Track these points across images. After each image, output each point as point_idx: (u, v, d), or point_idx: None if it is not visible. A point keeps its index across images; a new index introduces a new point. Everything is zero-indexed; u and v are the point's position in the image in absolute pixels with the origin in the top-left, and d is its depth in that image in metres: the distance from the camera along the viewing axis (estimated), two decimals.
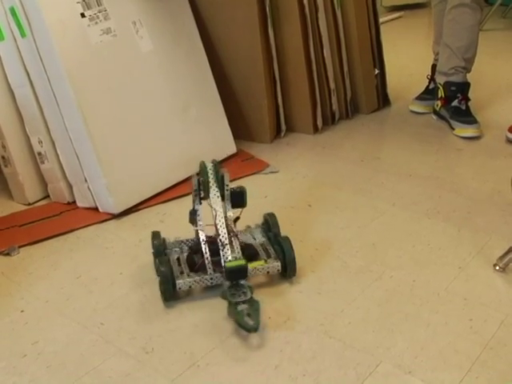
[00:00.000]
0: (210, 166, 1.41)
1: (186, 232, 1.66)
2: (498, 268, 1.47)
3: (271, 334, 1.28)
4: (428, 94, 2.48)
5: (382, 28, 2.50)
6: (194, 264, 1.41)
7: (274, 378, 1.17)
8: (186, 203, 1.84)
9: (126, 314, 1.37)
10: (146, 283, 1.46)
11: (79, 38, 1.73)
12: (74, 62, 1.71)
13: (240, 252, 1.37)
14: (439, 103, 2.35)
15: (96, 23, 1.77)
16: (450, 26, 2.26)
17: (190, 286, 1.37)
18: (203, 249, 1.38)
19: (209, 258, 1.37)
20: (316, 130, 2.33)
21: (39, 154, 1.86)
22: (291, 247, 1.43)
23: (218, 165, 1.41)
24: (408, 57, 3.24)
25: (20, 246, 1.65)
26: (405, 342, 1.25)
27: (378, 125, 2.41)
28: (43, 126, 1.80)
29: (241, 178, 1.97)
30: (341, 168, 2.04)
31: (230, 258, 1.34)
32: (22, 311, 1.40)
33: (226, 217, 1.39)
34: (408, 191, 1.86)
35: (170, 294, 1.37)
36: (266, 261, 1.41)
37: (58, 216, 1.81)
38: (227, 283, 1.35)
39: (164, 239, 1.51)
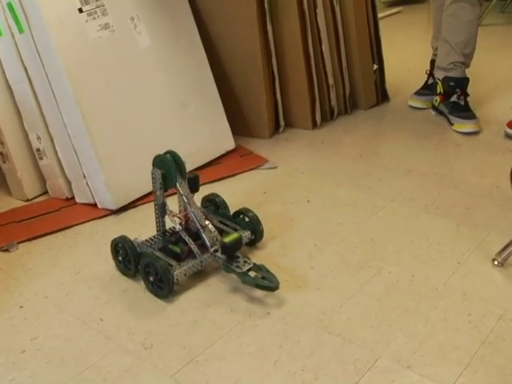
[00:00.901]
0: (169, 158, 1.43)
1: None
2: (496, 263, 1.47)
3: (270, 329, 1.29)
4: (427, 89, 2.48)
5: (381, 23, 2.49)
6: (176, 255, 1.44)
7: (273, 374, 1.17)
8: None
9: (125, 309, 1.37)
10: None
11: (77, 34, 1.73)
12: (72, 57, 1.71)
13: (216, 231, 1.45)
14: (438, 98, 2.35)
15: (94, 18, 1.77)
16: (448, 21, 2.26)
17: (185, 275, 1.39)
18: (184, 236, 1.43)
19: (193, 244, 1.42)
20: (315, 125, 2.32)
21: (38, 150, 1.85)
22: (257, 217, 1.54)
23: (176, 154, 1.44)
24: (407, 52, 3.23)
25: (19, 242, 1.65)
26: (404, 337, 1.25)
27: (377, 120, 2.41)
28: (41, 122, 1.80)
29: (239, 173, 1.97)
30: (339, 164, 2.04)
31: (213, 235, 1.44)
32: (21, 307, 1.40)
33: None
34: (407, 187, 1.86)
35: (170, 288, 1.37)
36: (237, 232, 1.48)
37: (57, 212, 1.81)
38: (222, 259, 1.40)
39: (132, 242, 1.48)
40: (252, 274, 1.37)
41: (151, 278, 1.39)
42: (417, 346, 1.22)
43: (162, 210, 1.47)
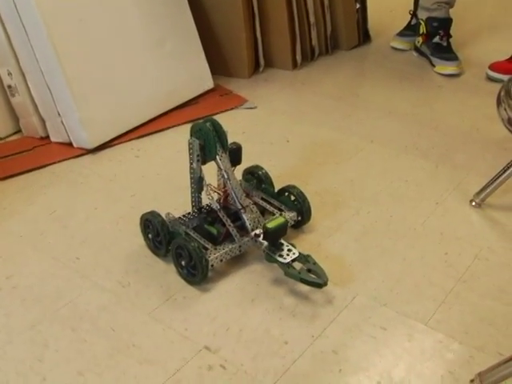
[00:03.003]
0: (209, 126, 1.25)
1: (160, 167, 1.65)
2: (474, 204, 1.48)
3: (248, 268, 1.29)
4: (410, 30, 2.44)
5: None
6: (212, 236, 1.30)
7: (250, 311, 1.17)
8: (161, 139, 1.82)
9: (102, 248, 1.35)
10: (122, 218, 1.45)
11: None
12: None
13: (258, 211, 1.30)
14: (420, 39, 2.31)
15: None
16: None
17: (221, 260, 1.25)
18: (222, 217, 1.28)
19: (232, 225, 1.27)
20: (295, 65, 2.28)
21: (9, 86, 1.79)
22: (304, 195, 1.38)
23: (217, 123, 1.26)
24: None
25: None
26: (381, 275, 1.26)
27: (358, 61, 2.37)
28: (12, 57, 1.73)
29: (218, 113, 1.94)
30: (320, 104, 2.01)
31: (255, 217, 1.28)
32: None
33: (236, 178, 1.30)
34: (387, 128, 1.85)
35: (204, 275, 1.22)
36: (281, 214, 1.34)
37: (31, 151, 1.77)
38: (264, 246, 1.25)
39: (163, 219, 1.32)
40: (298, 265, 1.22)
41: (183, 262, 1.24)
42: (393, 284, 1.23)
43: (198, 185, 1.31)
